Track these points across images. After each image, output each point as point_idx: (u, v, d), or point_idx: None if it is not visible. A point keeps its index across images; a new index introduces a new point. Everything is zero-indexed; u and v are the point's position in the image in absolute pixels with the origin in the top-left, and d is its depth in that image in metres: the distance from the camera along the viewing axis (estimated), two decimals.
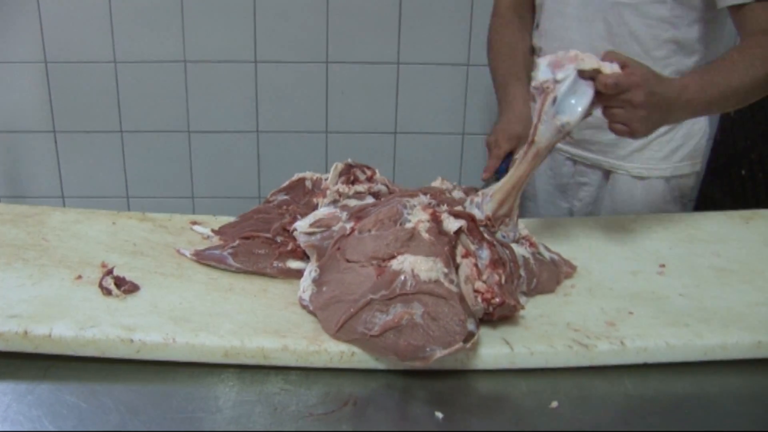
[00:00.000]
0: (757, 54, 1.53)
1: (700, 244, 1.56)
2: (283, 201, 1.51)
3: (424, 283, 1.15)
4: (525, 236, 1.43)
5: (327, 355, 1.15)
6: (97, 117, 2.85)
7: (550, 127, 1.32)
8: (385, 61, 2.81)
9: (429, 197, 1.33)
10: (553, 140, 1.34)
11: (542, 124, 1.33)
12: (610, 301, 1.33)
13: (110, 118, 2.85)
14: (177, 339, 1.15)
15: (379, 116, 2.90)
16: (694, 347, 1.22)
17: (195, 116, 2.87)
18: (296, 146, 2.92)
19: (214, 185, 2.99)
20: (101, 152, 2.91)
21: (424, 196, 1.34)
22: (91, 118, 2.85)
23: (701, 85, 1.47)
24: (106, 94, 2.81)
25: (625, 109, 1.35)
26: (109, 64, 2.76)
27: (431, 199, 1.33)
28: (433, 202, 1.32)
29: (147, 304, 1.24)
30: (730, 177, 2.79)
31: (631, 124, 1.37)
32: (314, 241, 1.29)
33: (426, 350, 1.10)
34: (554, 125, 1.32)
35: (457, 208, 1.32)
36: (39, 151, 2.89)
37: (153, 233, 1.49)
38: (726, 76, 1.50)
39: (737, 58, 1.53)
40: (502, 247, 1.31)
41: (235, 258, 1.38)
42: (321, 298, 1.22)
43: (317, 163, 2.90)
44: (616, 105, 1.35)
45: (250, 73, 2.81)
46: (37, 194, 2.95)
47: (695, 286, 1.40)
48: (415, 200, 1.31)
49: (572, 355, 1.18)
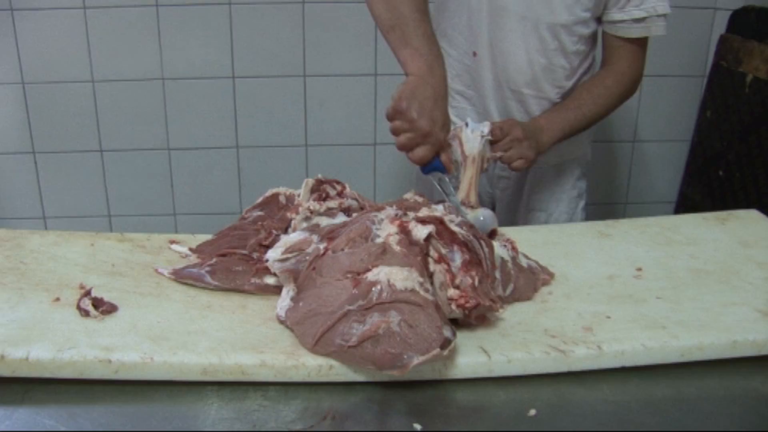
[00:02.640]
0: (601, 93, 1.87)
1: (676, 247, 1.58)
2: (258, 217, 1.51)
3: (401, 292, 1.16)
4: (507, 240, 1.44)
5: (305, 370, 1.15)
6: (77, 137, 2.84)
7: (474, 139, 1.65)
8: (362, 73, 2.82)
9: (395, 208, 1.34)
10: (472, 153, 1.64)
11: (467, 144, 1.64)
12: (588, 306, 1.34)
13: (90, 137, 2.84)
14: (155, 358, 1.15)
15: (358, 128, 2.90)
16: (671, 349, 1.22)
17: (174, 133, 2.87)
18: (276, 160, 2.92)
19: (196, 202, 2.99)
20: (81, 172, 2.90)
21: (390, 207, 1.34)
22: (71, 138, 2.84)
23: (555, 122, 1.84)
24: (84, 114, 2.80)
25: (514, 147, 1.72)
26: (87, 83, 2.76)
27: (397, 210, 1.33)
28: (399, 212, 1.33)
29: (125, 324, 1.24)
30: (709, 178, 2.81)
31: (523, 153, 1.73)
32: (288, 266, 1.30)
33: (403, 358, 1.10)
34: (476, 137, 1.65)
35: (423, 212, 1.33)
36: (19, 172, 2.88)
37: (131, 253, 1.49)
38: (574, 113, 1.86)
39: (585, 96, 1.88)
40: (479, 240, 1.32)
41: (212, 276, 1.38)
42: (297, 313, 1.22)
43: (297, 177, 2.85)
44: (506, 147, 1.72)
45: (228, 89, 2.82)
46: (18, 215, 2.94)
47: (672, 288, 1.41)
48: (382, 213, 1.32)
49: (550, 361, 1.19)
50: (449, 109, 1.65)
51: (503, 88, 1.91)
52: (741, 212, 1.75)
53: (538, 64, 1.87)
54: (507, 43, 1.86)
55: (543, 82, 1.90)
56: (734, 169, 2.67)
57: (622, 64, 1.88)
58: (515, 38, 1.84)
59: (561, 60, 1.88)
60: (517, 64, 1.87)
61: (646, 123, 2.97)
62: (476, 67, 1.92)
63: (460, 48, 1.93)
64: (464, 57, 1.93)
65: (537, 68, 1.87)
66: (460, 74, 1.96)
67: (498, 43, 1.87)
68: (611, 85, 1.88)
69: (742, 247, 1.58)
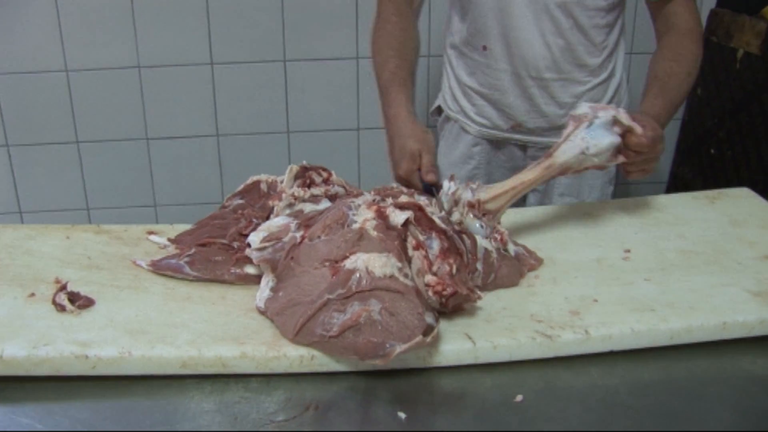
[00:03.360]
0: (689, 59, 1.76)
1: (665, 227, 1.58)
2: (239, 205, 1.51)
3: (380, 279, 1.17)
4: (495, 228, 1.44)
5: (287, 361, 1.16)
6: (52, 128, 2.83)
7: (573, 147, 1.46)
8: (344, 57, 2.82)
9: (373, 194, 1.34)
10: (569, 161, 1.47)
11: (566, 144, 1.47)
12: (575, 289, 1.35)
13: (65, 128, 2.84)
14: (133, 352, 1.15)
15: (341, 113, 2.90)
16: (660, 332, 1.23)
17: (153, 123, 2.86)
18: (258, 148, 2.92)
19: (176, 192, 2.99)
20: (57, 165, 2.89)
21: (368, 194, 1.35)
22: (46, 129, 2.83)
23: (665, 109, 1.68)
24: (59, 105, 2.80)
25: (647, 162, 1.54)
26: (60, 73, 2.75)
27: (375, 195, 1.33)
28: (377, 197, 1.33)
29: (102, 318, 1.24)
30: (700, 157, 2.82)
31: (649, 168, 1.56)
32: (266, 255, 1.30)
33: (386, 347, 1.11)
34: (578, 146, 1.46)
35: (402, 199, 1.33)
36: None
37: (109, 245, 1.49)
38: (677, 93, 1.73)
39: (678, 70, 1.74)
40: (460, 235, 1.32)
41: (192, 266, 1.38)
42: (277, 303, 1.23)
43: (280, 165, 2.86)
44: (638, 158, 1.52)
45: (206, 76, 2.81)
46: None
47: (660, 270, 1.42)
48: (359, 200, 1.32)
49: (536, 346, 1.20)
50: (471, 107, 1.94)
51: (523, 77, 1.90)
52: (731, 191, 1.75)
53: (555, 45, 1.85)
54: (519, 30, 1.84)
55: (565, 64, 1.88)
56: (725, 147, 2.69)
57: (684, 21, 1.78)
58: (526, 24, 1.83)
59: (579, 38, 1.85)
60: (534, 49, 1.85)
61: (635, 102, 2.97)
62: (489, 62, 1.92)
63: (471, 45, 1.94)
64: (474, 53, 1.94)
65: (555, 50, 1.85)
66: (474, 72, 1.96)
67: (509, 32, 1.85)
68: (688, 45, 1.77)
69: (732, 227, 1.58)
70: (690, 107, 2.87)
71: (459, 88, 2.03)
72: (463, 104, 2.03)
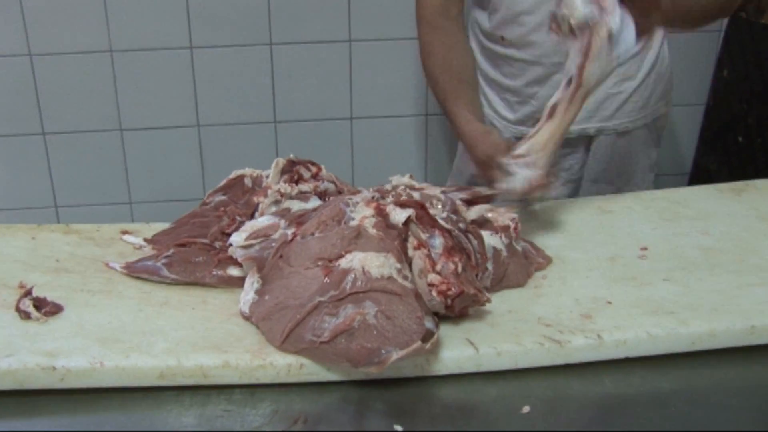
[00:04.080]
0: None
1: (685, 223, 1.59)
2: (221, 202, 1.52)
3: (376, 280, 1.18)
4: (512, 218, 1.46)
5: (273, 370, 1.17)
6: (15, 119, 2.83)
7: (603, 63, 1.42)
8: (335, 40, 2.82)
9: (372, 191, 1.35)
10: (602, 77, 1.44)
11: (591, 62, 1.42)
12: (586, 291, 1.36)
13: (30, 119, 2.83)
14: (105, 362, 1.15)
15: (333, 101, 2.90)
16: (680, 337, 1.24)
17: (127, 112, 2.86)
18: (242, 140, 2.92)
19: (154, 188, 2.98)
20: (22, 159, 2.89)
21: (368, 191, 1.36)
22: (8, 120, 2.83)
23: None
24: (23, 93, 2.79)
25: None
26: (23, 57, 2.74)
27: (374, 193, 1.35)
28: (377, 195, 1.34)
29: (72, 325, 1.24)
30: (726, 145, 2.82)
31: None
32: (253, 253, 1.31)
33: (381, 353, 1.12)
34: (610, 61, 1.42)
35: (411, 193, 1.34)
36: None
37: (79, 247, 1.50)
38: None
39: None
40: (467, 234, 1.34)
41: (170, 268, 1.39)
42: (263, 307, 1.24)
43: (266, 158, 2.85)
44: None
45: (185, 61, 2.81)
46: None
47: (681, 269, 1.43)
48: (357, 197, 1.33)
49: (544, 353, 1.21)
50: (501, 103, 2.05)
51: (543, 64, 1.96)
52: (760, 182, 1.76)
53: None
54: (525, 4, 1.90)
55: None
56: (754, 134, 2.68)
57: None
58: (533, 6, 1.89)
59: None
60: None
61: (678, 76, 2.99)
62: (508, 52, 1.99)
63: (491, 38, 2.01)
64: (495, 46, 2.01)
65: None
66: (498, 65, 2.04)
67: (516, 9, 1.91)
68: None
69: (760, 222, 1.59)
70: (715, 90, 2.87)
71: (487, 85, 2.10)
72: (493, 100, 2.10)
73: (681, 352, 1.24)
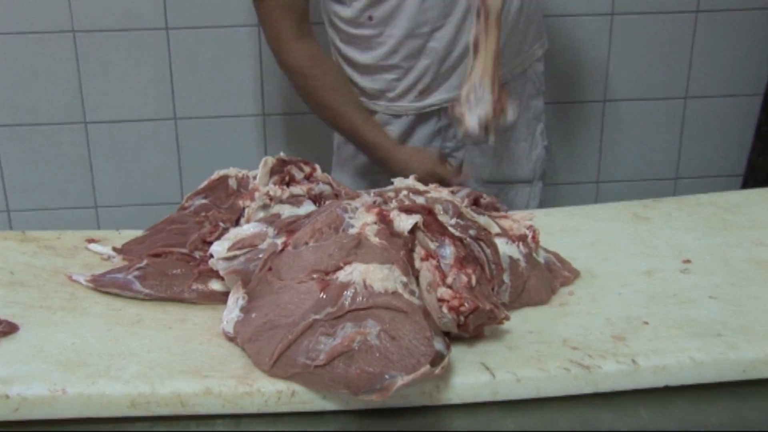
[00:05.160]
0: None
1: (736, 232, 1.60)
2: (202, 206, 1.53)
3: (379, 295, 1.18)
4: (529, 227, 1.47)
5: (261, 397, 1.17)
6: None
7: None
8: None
9: (374, 195, 1.36)
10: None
11: None
12: (619, 309, 1.36)
13: None
14: (68, 389, 1.15)
15: None
16: (729, 363, 1.23)
17: (92, 103, 2.86)
18: (225, 135, 2.92)
19: (124, 190, 2.99)
20: None
21: (368, 195, 1.37)
22: None
23: None
24: None
25: None
26: None
27: (376, 197, 1.36)
28: (379, 199, 1.35)
29: (28, 347, 1.25)
30: None
31: None
32: (237, 265, 1.32)
33: (385, 378, 1.11)
34: None
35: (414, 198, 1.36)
36: None
37: (36, 257, 1.51)
38: None
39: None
40: (479, 242, 1.35)
41: (143, 282, 1.40)
42: (250, 326, 1.24)
43: (253, 157, 2.90)
44: None
45: (160, 44, 2.81)
46: None
47: (730, 285, 1.43)
48: (357, 201, 1.34)
49: (570, 380, 1.21)
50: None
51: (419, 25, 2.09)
52: None
53: None
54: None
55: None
56: None
57: None
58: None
59: None
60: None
61: (702, 74, 3.00)
62: (382, 31, 2.13)
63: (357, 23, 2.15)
64: (364, 30, 2.15)
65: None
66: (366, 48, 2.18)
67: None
68: None
69: None
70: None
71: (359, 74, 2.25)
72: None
73: (730, 381, 1.23)
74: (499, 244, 1.40)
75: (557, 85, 2.91)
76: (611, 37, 2.93)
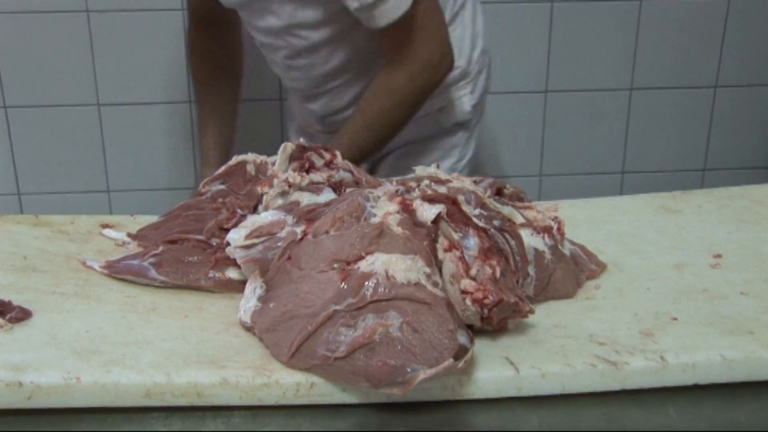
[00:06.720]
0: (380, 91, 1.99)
1: None
2: (219, 192, 1.53)
3: (402, 287, 1.18)
4: (554, 218, 1.47)
5: (279, 389, 1.17)
6: None
7: None
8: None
9: (396, 184, 1.36)
10: None
11: None
12: (647, 304, 1.36)
13: None
14: (82, 378, 1.15)
15: None
16: (760, 361, 1.23)
17: (105, 84, 2.86)
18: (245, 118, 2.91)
19: (137, 174, 2.98)
20: None
21: (391, 184, 1.37)
22: None
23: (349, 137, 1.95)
24: None
25: None
26: None
27: (398, 186, 1.36)
28: (401, 188, 1.35)
29: (42, 334, 1.25)
30: None
31: None
32: (255, 254, 1.32)
33: (406, 371, 1.12)
34: None
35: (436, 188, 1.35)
36: None
37: (50, 242, 1.51)
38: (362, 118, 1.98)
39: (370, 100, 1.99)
40: (503, 233, 1.35)
41: (158, 269, 1.40)
42: (268, 317, 1.24)
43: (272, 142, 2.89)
44: None
45: (177, 23, 2.81)
46: None
47: (762, 280, 1.43)
48: (379, 190, 1.34)
49: (597, 376, 1.20)
50: None
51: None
52: None
53: None
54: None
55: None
56: None
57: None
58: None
59: None
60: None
61: (733, 62, 2.99)
62: None
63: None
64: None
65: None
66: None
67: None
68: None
69: None
70: None
71: None
72: None
73: (761, 380, 1.23)
74: (524, 235, 1.40)
75: (583, 72, 2.90)
76: (639, 23, 2.92)
